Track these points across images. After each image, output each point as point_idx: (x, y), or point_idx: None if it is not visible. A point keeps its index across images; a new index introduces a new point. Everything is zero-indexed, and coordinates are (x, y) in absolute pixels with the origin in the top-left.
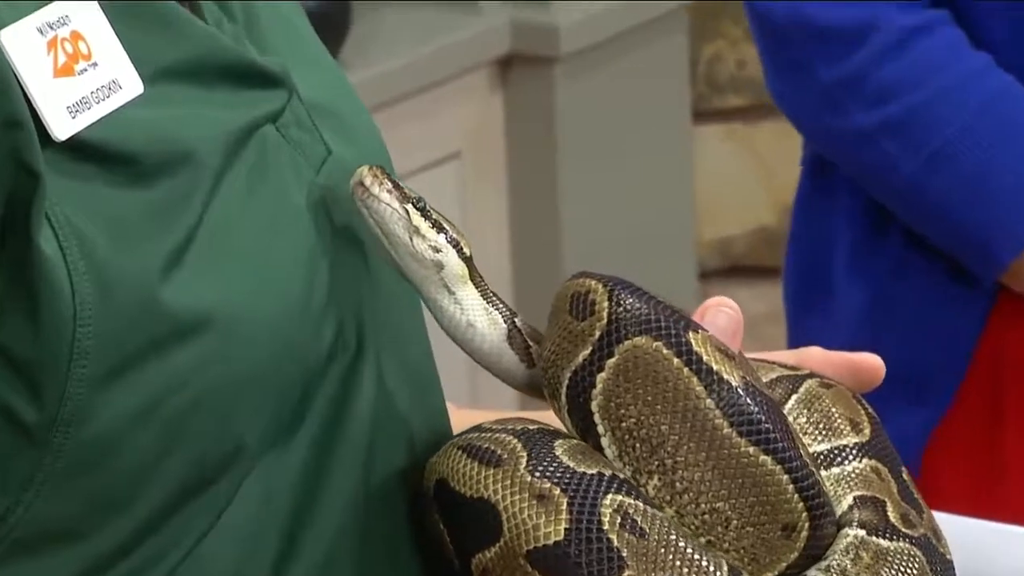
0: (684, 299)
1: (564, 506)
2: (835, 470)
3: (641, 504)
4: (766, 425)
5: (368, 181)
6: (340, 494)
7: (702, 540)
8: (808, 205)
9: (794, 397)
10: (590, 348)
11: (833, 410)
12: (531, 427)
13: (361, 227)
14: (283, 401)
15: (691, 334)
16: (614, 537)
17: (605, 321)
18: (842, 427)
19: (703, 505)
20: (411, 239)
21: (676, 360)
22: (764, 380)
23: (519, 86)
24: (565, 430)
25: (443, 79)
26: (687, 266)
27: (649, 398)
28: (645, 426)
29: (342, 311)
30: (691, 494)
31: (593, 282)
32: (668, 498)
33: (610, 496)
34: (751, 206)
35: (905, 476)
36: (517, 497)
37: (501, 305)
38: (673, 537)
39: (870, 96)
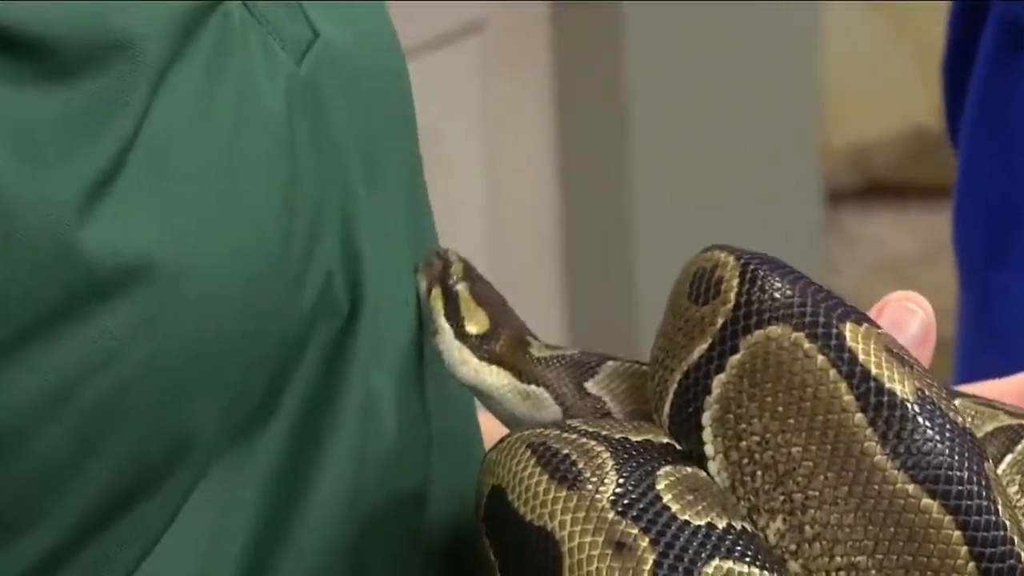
0: (804, 231)
1: (648, 566)
2: None
3: (757, 572)
4: (939, 457)
5: None
6: (324, 509)
7: None
8: (993, 104)
9: (1009, 457)
10: (709, 341)
11: None
12: (633, 438)
13: (365, 149)
14: (248, 383)
15: (848, 325)
16: None
17: (732, 305)
18: None
19: (839, 558)
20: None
21: (820, 357)
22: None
23: None
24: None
25: None
26: (810, 186)
27: (780, 408)
28: (771, 447)
29: (331, 259)
30: (824, 542)
31: (723, 255)
32: (794, 547)
33: (716, 562)
34: (901, 100)
35: None
36: (588, 540)
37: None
38: None
39: None
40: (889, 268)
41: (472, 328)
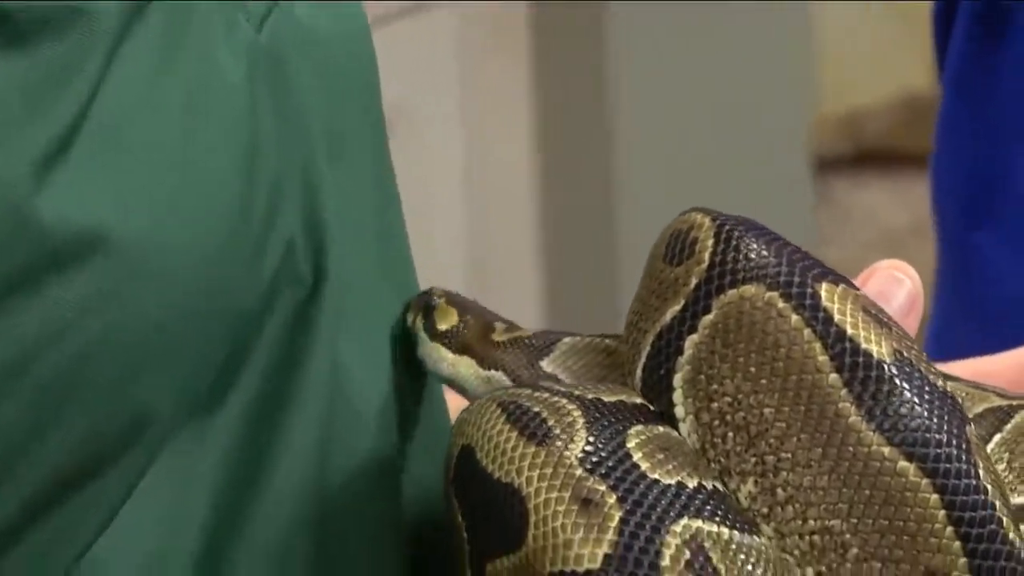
0: (796, 204)
1: (614, 523)
2: None
3: (727, 532)
4: (917, 420)
5: None
6: (288, 485)
7: (809, 572)
8: (968, 72)
9: (997, 437)
10: (682, 302)
11: None
12: (606, 399)
13: (329, 119)
14: (206, 357)
15: (824, 285)
16: None
17: (706, 265)
18: None
19: (812, 522)
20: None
21: (794, 317)
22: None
23: None
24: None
25: None
26: (797, 153)
27: (752, 369)
28: (743, 408)
29: (292, 228)
30: (797, 505)
31: (699, 216)
32: (766, 510)
33: (684, 521)
34: (893, 64)
35: None
36: (555, 495)
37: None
38: None
39: None
40: (881, 240)
41: (443, 325)
